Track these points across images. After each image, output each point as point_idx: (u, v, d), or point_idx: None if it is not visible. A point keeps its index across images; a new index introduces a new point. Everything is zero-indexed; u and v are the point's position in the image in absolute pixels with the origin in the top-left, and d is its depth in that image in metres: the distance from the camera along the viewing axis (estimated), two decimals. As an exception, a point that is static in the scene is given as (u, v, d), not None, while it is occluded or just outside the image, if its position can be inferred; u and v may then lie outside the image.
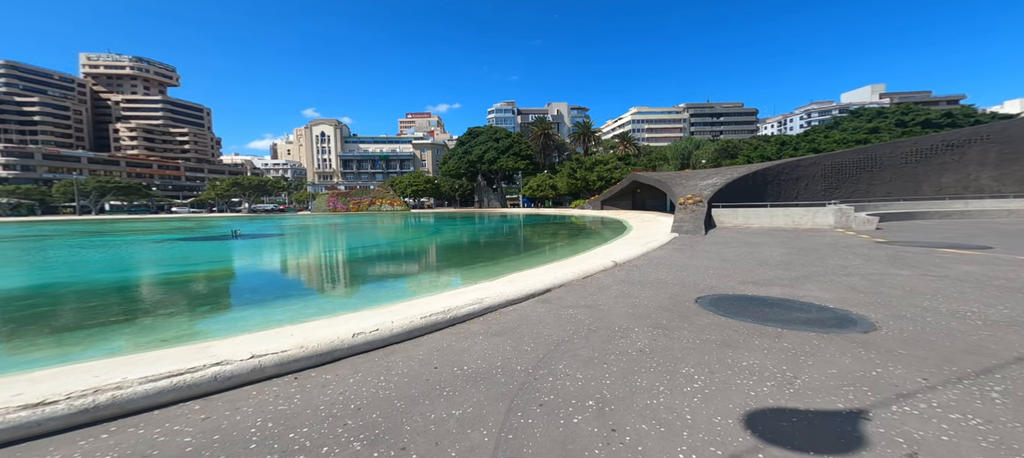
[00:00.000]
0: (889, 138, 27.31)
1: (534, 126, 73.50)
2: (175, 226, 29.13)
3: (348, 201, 66.38)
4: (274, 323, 4.79)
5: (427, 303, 5.43)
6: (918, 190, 14.73)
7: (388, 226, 28.66)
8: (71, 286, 8.06)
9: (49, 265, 11.24)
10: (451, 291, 6.25)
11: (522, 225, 25.29)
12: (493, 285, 6.57)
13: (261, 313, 5.41)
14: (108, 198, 60.55)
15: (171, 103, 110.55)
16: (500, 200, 69.06)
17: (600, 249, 10.59)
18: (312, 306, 5.75)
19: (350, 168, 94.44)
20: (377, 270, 9.45)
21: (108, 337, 4.50)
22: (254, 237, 17.66)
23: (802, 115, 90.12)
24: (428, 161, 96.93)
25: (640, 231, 15.44)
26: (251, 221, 37.34)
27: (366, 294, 6.58)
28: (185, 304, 6.20)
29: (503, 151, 62.74)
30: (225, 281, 7.96)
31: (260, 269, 9.61)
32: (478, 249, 13.67)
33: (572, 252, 11.62)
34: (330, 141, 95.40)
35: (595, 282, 5.32)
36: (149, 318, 5.09)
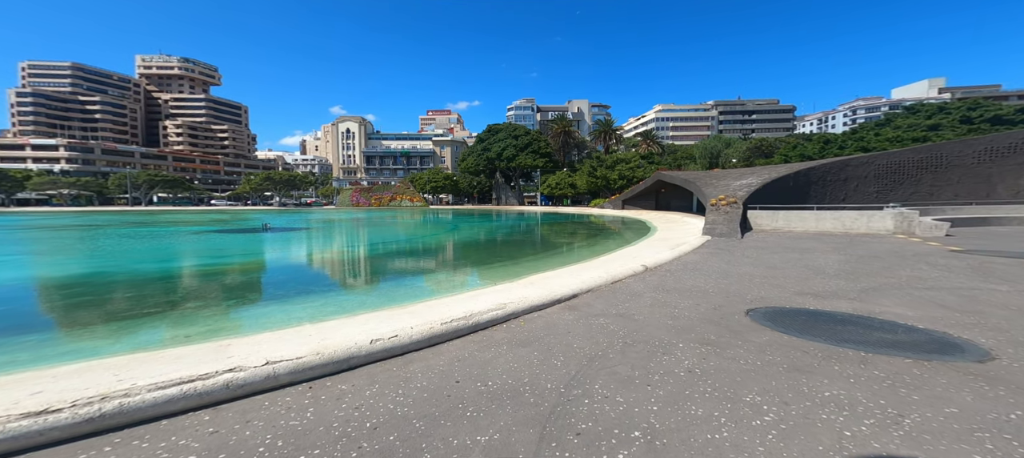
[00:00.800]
0: (953, 136, 24.52)
1: (553, 123, 72.67)
2: (212, 219, 30.97)
3: (370, 196, 68.38)
4: (293, 321, 4.76)
5: (447, 305, 5.23)
6: (992, 193, 12.98)
7: (407, 222, 29.10)
8: (111, 277, 8.54)
9: (95, 255, 12.05)
10: (471, 292, 6.04)
11: (541, 224, 24.91)
12: (514, 287, 6.30)
13: (282, 310, 5.42)
14: (156, 190, 65.57)
15: (213, 101, 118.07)
16: (518, 198, 68.77)
17: (625, 251, 10.07)
18: (331, 303, 5.71)
19: (373, 164, 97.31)
20: (395, 267, 9.44)
21: (137, 330, 4.61)
22: (282, 231, 18.36)
23: (846, 112, 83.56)
24: (447, 158, 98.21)
25: (666, 232, 14.67)
26: (280, 214, 39.17)
27: (384, 292, 6.50)
28: (212, 298, 6.34)
29: (522, 149, 62.32)
30: (252, 275, 8.17)
31: (284, 264, 9.86)
32: (497, 247, 13.47)
33: (594, 253, 11.16)
34: (355, 138, 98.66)
35: (625, 288, 4.92)
36: (177, 312, 5.21)
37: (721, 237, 9.97)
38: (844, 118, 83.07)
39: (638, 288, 4.87)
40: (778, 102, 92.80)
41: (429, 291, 6.61)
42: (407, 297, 6.06)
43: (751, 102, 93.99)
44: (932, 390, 2.04)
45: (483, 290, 6.39)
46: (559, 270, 8.20)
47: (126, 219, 29.82)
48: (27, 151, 70.76)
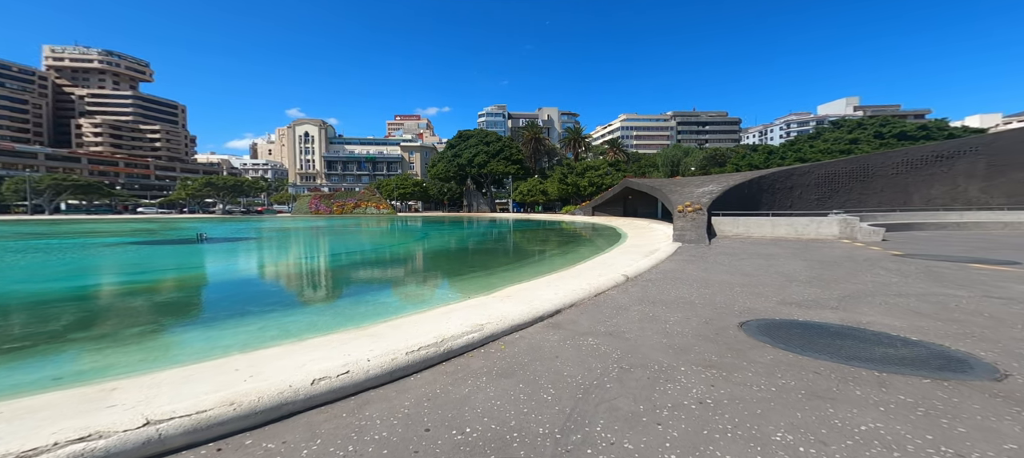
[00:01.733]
0: (868, 149, 28.29)
1: (525, 130, 73.39)
2: (136, 228, 26.88)
3: (332, 203, 64.16)
4: (218, 350, 3.86)
5: (414, 325, 4.60)
6: (908, 201, 14.96)
7: (372, 230, 27.39)
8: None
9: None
10: (442, 309, 5.43)
11: (514, 231, 24.62)
12: (490, 301, 5.79)
13: (206, 336, 4.45)
14: (65, 197, 56.14)
15: (142, 99, 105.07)
16: (489, 204, 68.29)
17: (601, 258, 9.99)
18: (273, 326, 4.81)
19: (334, 169, 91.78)
20: (355, 280, 8.51)
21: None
22: (222, 241, 16.22)
23: (782, 126, 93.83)
24: (416, 164, 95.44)
25: (637, 239, 14.99)
26: (224, 223, 35.09)
27: (340, 311, 5.67)
28: (114, 324, 5.12)
29: (493, 155, 62.15)
30: (173, 294, 6.85)
31: (219, 280, 8.48)
32: (469, 257, 12.86)
33: (570, 261, 10.99)
34: (314, 141, 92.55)
35: (610, 301, 4.63)
36: (55, 344, 4.04)
37: (691, 243, 10.24)
38: (780, 131, 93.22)
39: (623, 301, 4.60)
40: (727, 114, 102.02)
41: (393, 307, 5.89)
42: (367, 316, 5.31)
43: (704, 114, 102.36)
44: (972, 419, 1.87)
45: (455, 305, 5.81)
46: (537, 281, 7.82)
47: (22, 229, 24.88)
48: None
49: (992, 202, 14.18)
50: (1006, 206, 13.64)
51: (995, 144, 14.68)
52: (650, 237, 14.66)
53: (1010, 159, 14.22)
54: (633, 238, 15.25)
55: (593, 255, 11.30)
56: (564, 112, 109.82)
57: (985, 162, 14.42)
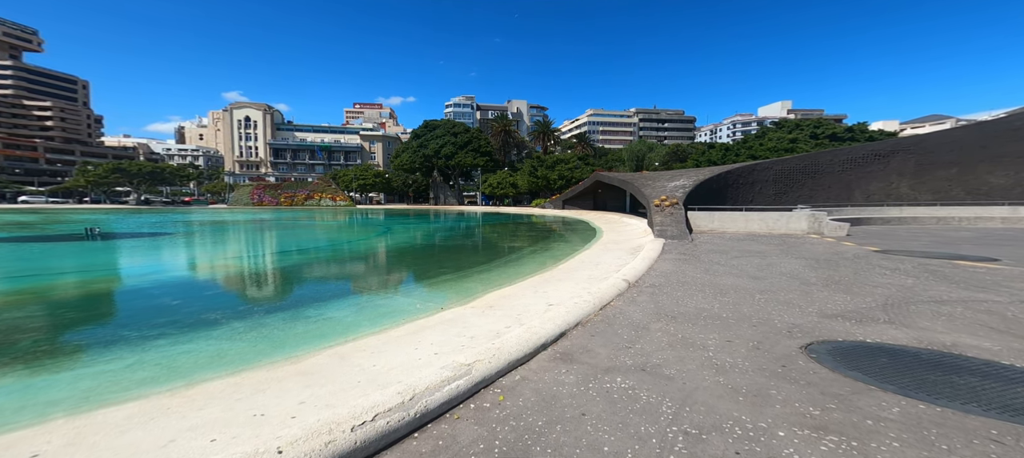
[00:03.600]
0: (806, 148, 31.23)
1: (495, 122, 71.93)
2: (9, 220, 21.34)
3: (279, 194, 57.78)
4: (29, 411, 2.34)
5: (370, 355, 3.39)
6: (850, 197, 16.40)
7: (327, 224, 24.56)
8: None
9: None
10: (407, 326, 4.20)
11: (484, 225, 23.38)
12: (468, 314, 4.68)
13: (24, 387, 2.84)
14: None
15: (27, 71, 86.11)
16: (457, 197, 66.16)
17: (584, 256, 9.29)
18: (150, 362, 3.30)
19: (283, 158, 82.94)
20: (292, 288, 6.89)
21: None
22: (122, 237, 13.07)
23: (729, 125, 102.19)
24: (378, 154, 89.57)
25: (614, 234, 14.67)
26: (136, 215, 29.44)
27: (265, 332, 4.22)
28: None
29: (462, 146, 59.97)
30: (12, 313, 4.81)
31: (94, 290, 6.35)
32: (438, 254, 11.50)
33: (551, 258, 10.18)
34: (257, 127, 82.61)
35: (621, 317, 3.77)
36: None
37: (673, 239, 9.92)
38: (728, 130, 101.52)
39: (637, 316, 3.77)
40: (683, 113, 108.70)
41: (343, 325, 4.55)
42: (305, 338, 3.94)
43: (664, 112, 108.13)
44: None
45: (426, 321, 4.61)
46: (520, 285, 6.81)
47: None
48: None
49: (920, 198, 16.02)
50: (936, 202, 15.48)
51: (923, 144, 16.58)
52: (626, 232, 14.40)
53: (935, 158, 16.16)
54: (609, 233, 14.91)
55: (574, 252, 10.60)
56: (533, 105, 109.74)
57: (914, 161, 16.23)
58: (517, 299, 5.50)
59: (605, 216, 25.59)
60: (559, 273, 7.51)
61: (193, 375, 2.99)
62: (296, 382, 2.86)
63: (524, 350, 2.93)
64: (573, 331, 3.47)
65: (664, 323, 3.49)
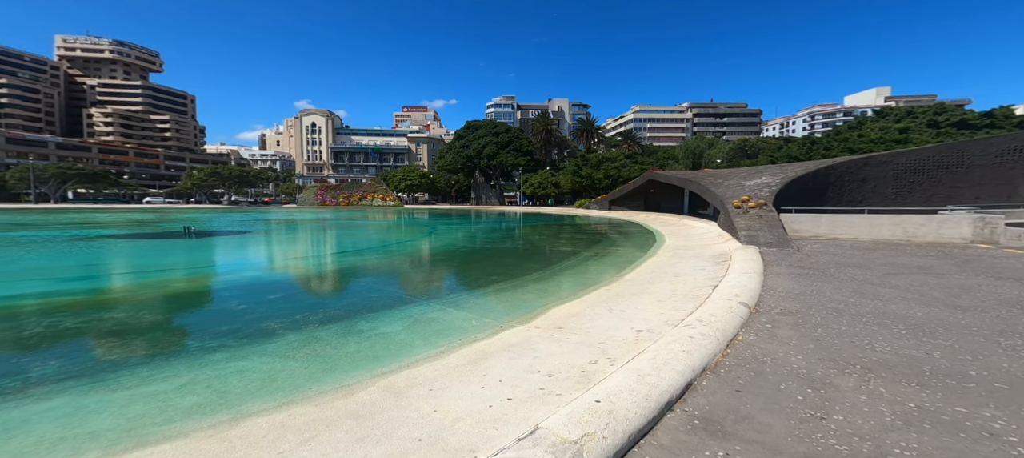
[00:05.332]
0: (924, 140, 25.28)
1: (535, 122, 71.17)
2: (131, 219, 25.69)
3: (338, 194, 63.10)
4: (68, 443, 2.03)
5: (426, 397, 2.76)
6: (1014, 194, 12.48)
7: (378, 223, 25.73)
8: None
9: None
10: (465, 350, 3.46)
11: (529, 226, 22.54)
12: (535, 337, 3.85)
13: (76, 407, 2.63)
14: (72, 185, 55.99)
15: (152, 89, 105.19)
16: (498, 197, 66.50)
17: (653, 265, 7.98)
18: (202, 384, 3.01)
19: (341, 161, 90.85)
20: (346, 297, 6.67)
21: None
22: (211, 235, 14.63)
23: (805, 117, 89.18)
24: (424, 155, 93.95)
25: (679, 238, 12.90)
26: (226, 214, 33.89)
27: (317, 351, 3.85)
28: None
29: (503, 146, 60.12)
30: (96, 315, 5.08)
31: (174, 291, 6.72)
32: (488, 259, 10.93)
33: (612, 267, 8.99)
34: (321, 132, 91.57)
35: (769, 361, 2.67)
36: None
37: (770, 247, 8.16)
38: (804, 123, 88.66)
39: (797, 361, 2.63)
40: (746, 106, 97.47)
41: (396, 344, 4.03)
42: (356, 360, 3.47)
43: (722, 105, 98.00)
44: None
45: (487, 343, 3.87)
46: (586, 299, 5.83)
47: (11, 219, 23.85)
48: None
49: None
50: None
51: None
52: (693, 236, 12.56)
53: None
54: (673, 238, 13.17)
55: (638, 260, 9.30)
56: (575, 103, 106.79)
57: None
58: (590, 319, 4.60)
59: (660, 218, 23.29)
60: (629, 286, 6.44)
61: (240, 405, 2.63)
62: (347, 431, 2.31)
63: (643, 413, 2.02)
64: (702, 381, 2.46)
65: (856, 378, 2.33)
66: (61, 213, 33.70)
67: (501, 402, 2.56)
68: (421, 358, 3.64)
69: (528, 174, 57.72)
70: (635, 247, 12.47)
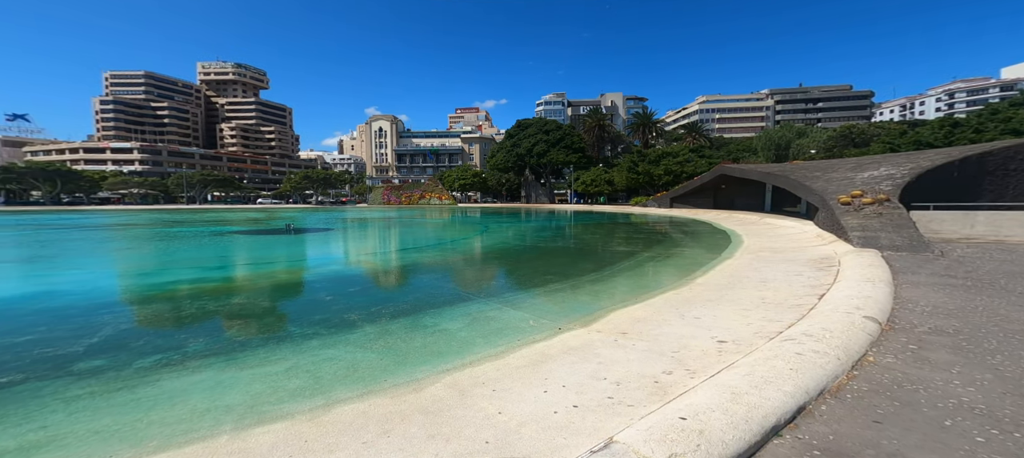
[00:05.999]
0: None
1: (587, 118, 69.30)
2: (248, 217, 31.43)
3: (401, 194, 68.86)
4: (209, 417, 2.49)
5: (489, 397, 2.78)
6: None
7: (434, 221, 27.43)
8: (74, 297, 7.01)
9: (73, 266, 11.07)
10: (525, 350, 3.43)
11: (581, 225, 21.82)
12: (596, 341, 3.63)
13: (215, 382, 3.20)
14: (210, 189, 70.70)
15: (262, 104, 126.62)
16: (548, 195, 65.93)
17: (731, 268, 7.00)
18: (302, 369, 3.49)
19: (404, 162, 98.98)
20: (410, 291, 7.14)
21: None
22: (305, 232, 17.15)
23: (941, 96, 70.78)
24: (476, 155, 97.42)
25: (762, 239, 11.19)
26: (313, 213, 39.53)
27: (389, 343, 4.21)
28: (119, 354, 4.33)
29: (553, 144, 59.41)
30: (218, 302, 6.20)
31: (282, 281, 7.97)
32: (539, 258, 10.84)
33: (680, 269, 8.14)
34: (387, 136, 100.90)
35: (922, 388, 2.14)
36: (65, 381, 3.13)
37: (896, 251, 6.59)
38: (938, 102, 70.43)
39: (968, 395, 2.04)
40: (850, 88, 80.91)
41: (458, 341, 4.20)
42: (423, 355, 3.68)
43: (816, 89, 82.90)
44: None
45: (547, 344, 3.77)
46: (651, 302, 5.33)
47: (171, 217, 31.02)
48: (107, 154, 79.65)
49: None
50: None
51: None
52: (782, 237, 10.76)
53: None
54: (754, 239, 11.48)
55: (711, 263, 8.27)
56: (629, 97, 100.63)
57: None
58: (657, 325, 4.24)
59: (734, 216, 20.63)
60: (702, 291, 5.81)
61: (331, 391, 2.97)
62: (419, 426, 2.44)
63: (743, 436, 1.73)
64: (820, 406, 2.03)
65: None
66: (202, 212, 42.73)
67: (567, 409, 2.50)
68: (482, 357, 3.72)
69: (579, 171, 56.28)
70: (704, 248, 11.22)
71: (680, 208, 30.23)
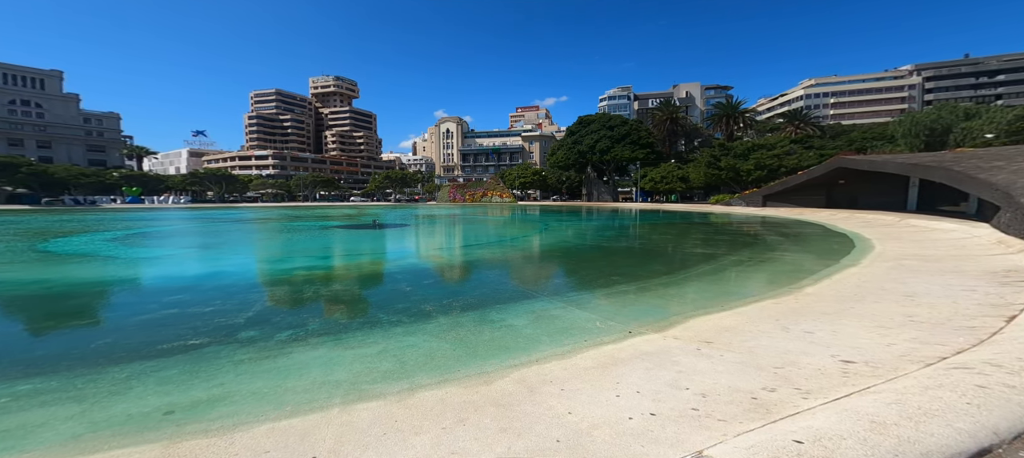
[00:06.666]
0: None
1: (657, 111, 64.27)
2: (344, 213, 37.07)
3: (465, 192, 72.98)
4: (324, 391, 2.96)
5: (557, 395, 3.32)
6: None
7: (496, 219, 28.39)
8: (233, 280, 8.99)
9: (223, 254, 13.92)
10: (592, 351, 3.28)
11: (649, 225, 20.06)
12: (674, 348, 3.37)
13: (326, 359, 3.82)
14: (317, 189, 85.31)
15: (354, 112, 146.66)
16: (611, 193, 62.62)
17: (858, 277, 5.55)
18: (391, 354, 3.94)
19: (468, 162, 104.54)
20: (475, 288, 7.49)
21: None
22: (387, 227, 19.48)
23: None
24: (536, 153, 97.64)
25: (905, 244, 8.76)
26: (392, 210, 44.59)
27: (462, 335, 4.51)
28: (267, 322, 5.36)
29: (618, 140, 56.27)
30: (328, 288, 7.29)
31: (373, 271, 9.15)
32: (603, 258, 10.32)
33: (778, 275, 6.80)
34: (453, 137, 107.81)
35: None
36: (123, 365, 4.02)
37: None
38: None
39: None
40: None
41: (520, 340, 4.30)
42: (493, 348, 3.87)
43: (992, 59, 61.62)
44: None
45: (611, 347, 3.53)
46: (742, 311, 4.55)
47: (292, 213, 38.36)
48: (252, 161, 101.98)
49: None
50: None
51: None
52: (939, 242, 8.27)
53: None
54: (891, 243, 9.11)
55: (825, 270, 6.75)
56: (710, 87, 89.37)
57: None
58: (752, 336, 3.74)
59: (859, 217, 16.73)
60: (815, 301, 4.95)
61: (413, 377, 3.26)
62: (491, 418, 2.55)
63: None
64: (1015, 452, 1.52)
65: None
66: (312, 208, 51.75)
67: (643, 416, 2.38)
68: (548, 355, 3.74)
69: (647, 168, 52.26)
70: (814, 254, 9.36)
71: (777, 207, 25.67)
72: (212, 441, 2.27)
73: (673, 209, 35.46)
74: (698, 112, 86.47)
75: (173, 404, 2.85)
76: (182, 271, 8.54)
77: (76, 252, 10.75)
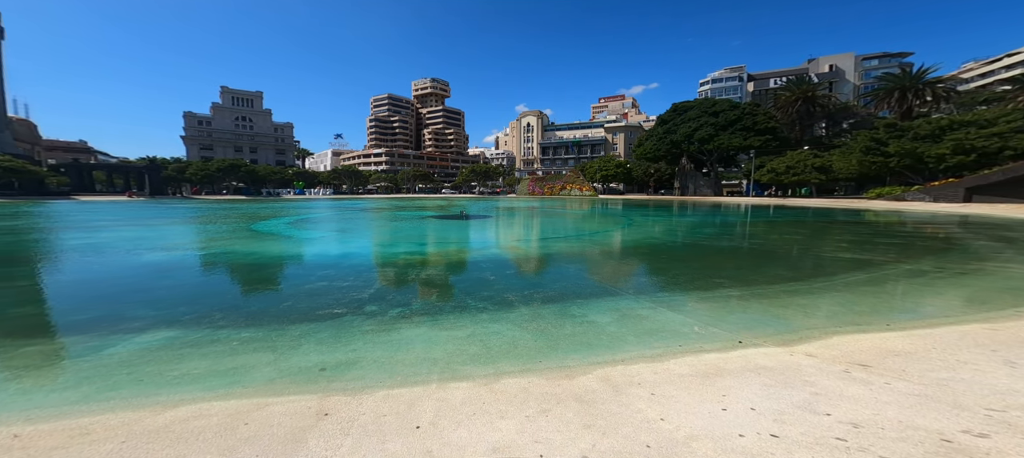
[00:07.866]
0: None
1: (783, 91, 53.30)
2: (437, 204, 41.71)
3: (544, 185, 73.25)
4: (424, 367, 3.36)
5: (648, 422, 3.25)
6: None
7: (575, 212, 27.68)
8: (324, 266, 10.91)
9: (353, 238, 16.76)
10: (689, 362, 3.05)
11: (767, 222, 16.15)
12: (806, 368, 2.76)
13: (426, 338, 4.38)
14: (417, 182, 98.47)
15: (446, 110, 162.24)
16: (713, 187, 54.07)
17: None
18: (478, 339, 4.28)
19: (548, 155, 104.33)
20: (555, 281, 7.46)
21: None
22: (474, 218, 21.12)
23: None
24: (620, 145, 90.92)
25: None
26: (477, 202, 48.05)
27: (542, 327, 4.59)
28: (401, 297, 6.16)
29: (724, 127, 48.08)
30: (425, 271, 8.15)
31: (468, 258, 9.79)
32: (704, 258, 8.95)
33: (980, 292, 4.81)
34: (533, 130, 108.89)
35: None
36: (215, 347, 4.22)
37: None
38: None
39: None
40: None
41: (602, 337, 4.20)
42: (573, 342, 3.88)
43: None
44: None
45: (714, 357, 3.22)
46: (921, 331, 3.46)
47: (397, 204, 45.21)
48: (371, 158, 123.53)
49: None
50: None
51: None
52: None
53: None
54: None
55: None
56: (870, 55, 67.72)
57: None
58: (947, 367, 2.85)
59: None
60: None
61: (498, 363, 3.48)
62: (574, 413, 2.58)
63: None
64: None
65: None
66: (413, 199, 59.78)
67: (759, 436, 2.11)
68: (635, 356, 3.57)
69: (765, 158, 43.15)
70: None
71: (992, 202, 17.99)
72: (349, 399, 2.65)
73: (803, 204, 28.28)
74: (851, 88, 67.16)
75: (325, 362, 3.39)
76: (329, 250, 10.95)
77: (270, 232, 14.93)
